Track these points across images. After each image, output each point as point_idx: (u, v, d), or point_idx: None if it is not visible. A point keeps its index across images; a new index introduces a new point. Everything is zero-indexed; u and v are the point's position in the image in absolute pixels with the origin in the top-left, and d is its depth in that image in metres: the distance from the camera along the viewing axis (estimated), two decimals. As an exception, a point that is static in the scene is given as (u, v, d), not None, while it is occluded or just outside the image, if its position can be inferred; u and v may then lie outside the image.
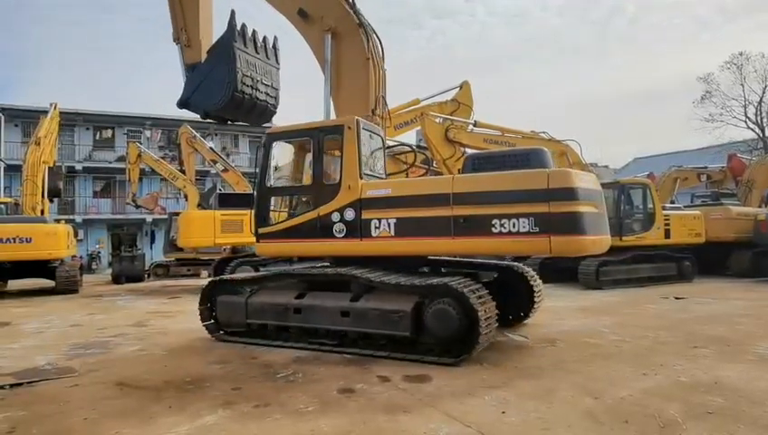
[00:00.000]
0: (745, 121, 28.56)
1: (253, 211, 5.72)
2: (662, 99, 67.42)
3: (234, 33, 6.20)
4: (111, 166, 25.64)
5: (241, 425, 3.23)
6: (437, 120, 10.45)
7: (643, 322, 6.71)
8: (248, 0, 7.11)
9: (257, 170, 5.77)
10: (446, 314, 4.52)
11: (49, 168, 13.31)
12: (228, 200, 12.26)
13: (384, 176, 5.82)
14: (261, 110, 6.56)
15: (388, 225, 5.03)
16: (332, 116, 6.38)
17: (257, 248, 5.96)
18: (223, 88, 6.16)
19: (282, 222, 5.71)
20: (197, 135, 15.41)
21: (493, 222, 4.52)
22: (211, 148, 16.03)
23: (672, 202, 14.78)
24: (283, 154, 5.94)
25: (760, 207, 14.12)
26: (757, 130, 28.10)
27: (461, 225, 4.66)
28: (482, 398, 3.66)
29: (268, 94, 6.51)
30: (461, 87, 11.21)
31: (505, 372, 4.35)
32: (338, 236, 5.31)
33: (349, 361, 4.77)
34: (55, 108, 14.10)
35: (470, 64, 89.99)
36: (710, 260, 12.59)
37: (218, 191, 14.58)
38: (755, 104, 28.07)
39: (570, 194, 4.37)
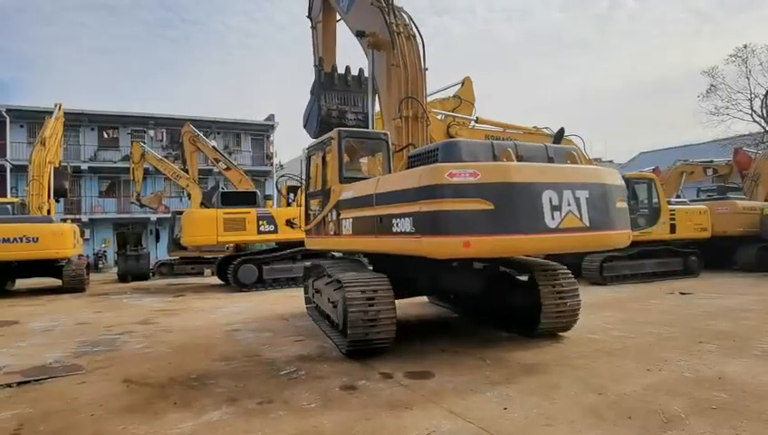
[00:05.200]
0: (751, 115, 28.27)
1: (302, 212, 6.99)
2: (666, 93, 66.89)
3: (320, 77, 7.64)
4: (116, 166, 25.79)
5: (245, 421, 3.26)
6: (439, 117, 10.40)
7: (648, 317, 6.68)
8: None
9: (304, 179, 6.88)
10: (342, 304, 4.89)
11: (55, 168, 13.40)
12: (230, 199, 12.28)
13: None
14: None
15: (349, 224, 5.38)
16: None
17: (306, 243, 7.18)
18: (315, 121, 7.63)
19: (312, 221, 6.53)
20: (200, 134, 15.45)
21: (393, 221, 4.49)
22: (214, 147, 16.07)
23: (678, 196, 14.67)
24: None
25: (766, 200, 13.99)
26: (763, 123, 27.77)
27: (379, 224, 4.73)
28: (484, 394, 3.66)
29: (358, 119, 7.70)
30: (463, 83, 11.14)
31: (508, 368, 4.34)
32: (330, 233, 5.83)
33: (351, 358, 4.80)
34: (60, 108, 14.18)
35: (472, 61, 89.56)
36: (716, 255, 12.49)
37: (221, 190, 14.62)
38: (761, 97, 27.74)
39: (435, 191, 4.01)
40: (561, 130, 10.34)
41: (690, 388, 3.68)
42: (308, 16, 8.88)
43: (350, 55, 8.14)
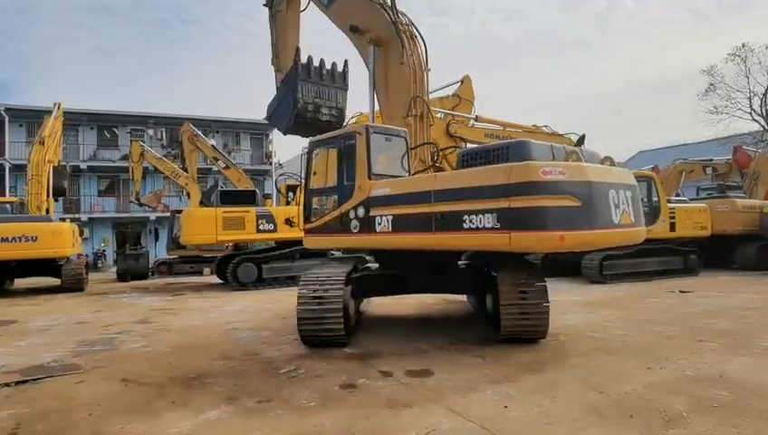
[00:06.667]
0: (750, 113, 28.27)
1: (301, 210, 6.56)
2: (666, 92, 66.88)
3: (297, 69, 7.24)
4: (115, 165, 25.73)
5: (244, 420, 3.24)
6: (439, 116, 10.37)
7: (648, 316, 6.67)
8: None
9: (303, 175, 6.48)
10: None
11: (54, 167, 13.37)
12: (230, 197, 12.25)
13: (407, 174, 5.88)
14: (325, 128, 7.34)
15: (387, 221, 5.30)
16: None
17: (304, 242, 6.67)
18: (289, 114, 7.33)
19: (318, 219, 6.25)
20: (199, 133, 15.42)
21: (464, 218, 4.54)
22: (213, 145, 16.06)
23: (678, 195, 14.66)
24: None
25: (766, 199, 13.98)
26: (762, 121, 27.78)
27: (440, 221, 4.75)
28: (484, 392, 3.65)
29: (331, 114, 7.57)
30: (462, 82, 11.11)
31: (508, 366, 4.33)
32: (354, 231, 5.65)
33: (351, 356, 4.78)
34: (59, 107, 14.14)
35: (472, 60, 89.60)
36: (716, 253, 12.49)
37: (220, 188, 14.59)
38: (760, 96, 27.75)
39: (529, 188, 4.18)
40: (583, 137, 10.46)
41: (691, 386, 3.67)
42: (265, 5, 8.37)
43: (312, 46, 7.72)
